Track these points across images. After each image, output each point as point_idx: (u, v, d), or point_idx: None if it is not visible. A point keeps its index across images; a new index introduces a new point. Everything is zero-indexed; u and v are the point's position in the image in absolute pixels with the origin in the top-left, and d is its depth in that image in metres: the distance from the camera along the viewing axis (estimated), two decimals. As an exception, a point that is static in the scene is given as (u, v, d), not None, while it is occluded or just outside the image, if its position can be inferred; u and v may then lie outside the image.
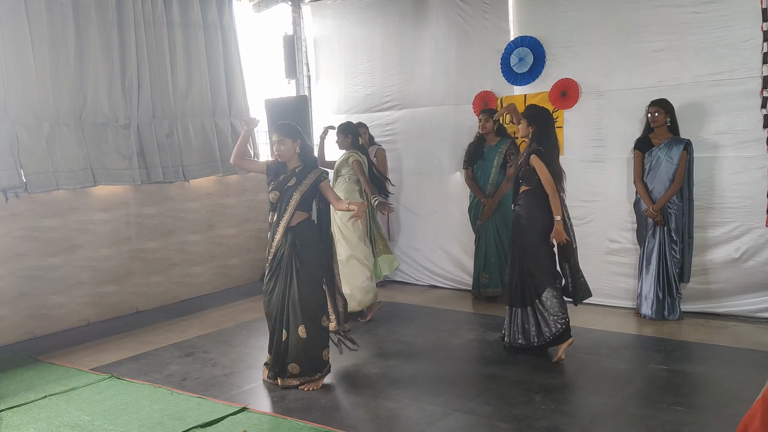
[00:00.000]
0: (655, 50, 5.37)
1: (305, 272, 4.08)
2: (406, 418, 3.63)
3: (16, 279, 5.30)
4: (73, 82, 5.45)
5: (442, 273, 6.74)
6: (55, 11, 5.32)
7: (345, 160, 5.59)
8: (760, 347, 4.59)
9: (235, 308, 6.24)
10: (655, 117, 5.14)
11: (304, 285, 4.07)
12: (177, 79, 6.22)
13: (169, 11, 6.13)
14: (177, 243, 6.52)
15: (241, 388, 4.17)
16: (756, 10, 4.93)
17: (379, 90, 7.04)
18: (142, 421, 3.64)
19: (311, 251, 4.14)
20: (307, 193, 4.14)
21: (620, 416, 3.60)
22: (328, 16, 7.40)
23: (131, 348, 5.05)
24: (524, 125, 4.52)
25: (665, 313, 5.23)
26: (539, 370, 4.34)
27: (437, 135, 6.67)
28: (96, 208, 5.83)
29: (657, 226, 5.21)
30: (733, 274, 5.21)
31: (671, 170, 5.13)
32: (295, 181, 4.12)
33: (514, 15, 6.14)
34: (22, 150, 5.12)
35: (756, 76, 4.98)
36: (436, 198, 6.73)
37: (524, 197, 4.50)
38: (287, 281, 4.09)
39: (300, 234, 4.12)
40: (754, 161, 5.06)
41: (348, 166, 5.56)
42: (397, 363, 4.56)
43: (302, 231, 4.13)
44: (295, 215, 4.13)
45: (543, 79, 5.96)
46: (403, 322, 5.58)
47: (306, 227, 4.16)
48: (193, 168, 6.33)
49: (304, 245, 4.11)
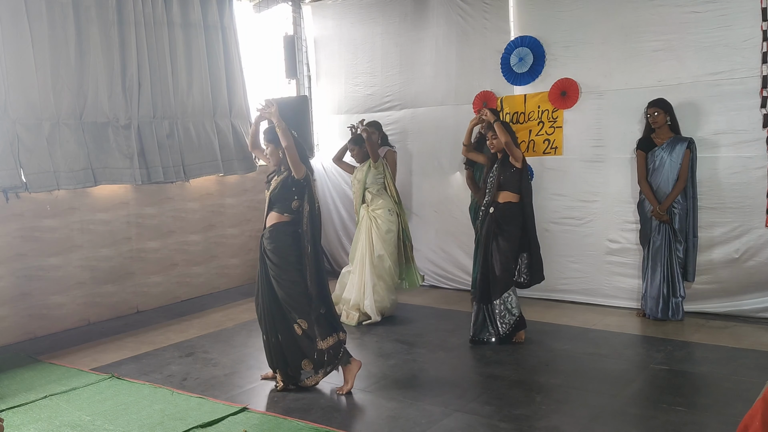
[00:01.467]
0: (655, 50, 5.37)
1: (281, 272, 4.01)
2: (407, 418, 3.63)
3: (17, 279, 5.30)
4: (73, 82, 5.44)
5: (442, 273, 6.74)
6: (56, 11, 5.32)
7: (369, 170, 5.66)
8: (761, 347, 4.59)
9: (235, 308, 6.24)
10: (655, 117, 5.14)
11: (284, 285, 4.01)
12: (177, 79, 6.22)
13: (169, 11, 6.13)
14: (177, 243, 6.52)
15: (242, 388, 4.17)
16: (756, 9, 4.93)
17: (380, 90, 7.04)
18: (142, 422, 3.64)
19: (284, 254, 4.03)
20: (277, 193, 4.06)
21: (621, 416, 3.60)
22: (328, 16, 7.40)
23: (131, 348, 5.05)
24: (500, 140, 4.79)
25: (669, 313, 5.23)
26: (539, 370, 4.35)
27: (437, 135, 6.67)
28: (96, 208, 5.83)
29: (662, 225, 5.20)
30: (734, 274, 5.21)
31: (675, 169, 5.13)
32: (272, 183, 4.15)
33: (514, 15, 6.14)
34: (23, 150, 5.12)
35: (755, 76, 4.99)
36: (436, 198, 6.73)
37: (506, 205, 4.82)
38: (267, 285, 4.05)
39: (273, 237, 4.05)
40: (753, 161, 5.06)
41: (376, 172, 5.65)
42: (397, 363, 4.56)
43: (275, 234, 4.05)
44: (269, 216, 4.10)
45: (543, 79, 5.96)
46: (403, 322, 5.58)
47: (280, 229, 4.06)
48: (193, 168, 6.33)
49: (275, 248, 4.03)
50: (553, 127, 5.94)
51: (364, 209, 5.69)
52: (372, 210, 5.64)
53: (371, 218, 5.62)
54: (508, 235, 4.81)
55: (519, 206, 4.83)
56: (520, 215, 4.84)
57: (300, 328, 4.00)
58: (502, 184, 4.82)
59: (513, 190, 4.81)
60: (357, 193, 5.76)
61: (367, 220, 5.64)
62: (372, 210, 5.64)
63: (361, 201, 5.73)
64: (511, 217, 4.82)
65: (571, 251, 5.93)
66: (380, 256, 5.57)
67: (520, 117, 6.11)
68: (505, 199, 4.82)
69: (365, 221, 5.66)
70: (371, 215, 5.63)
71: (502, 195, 4.83)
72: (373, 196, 5.66)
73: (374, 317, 5.52)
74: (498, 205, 4.83)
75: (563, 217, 5.96)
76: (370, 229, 5.61)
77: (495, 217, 4.83)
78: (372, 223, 5.61)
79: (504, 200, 4.82)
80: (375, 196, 5.66)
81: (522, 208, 4.85)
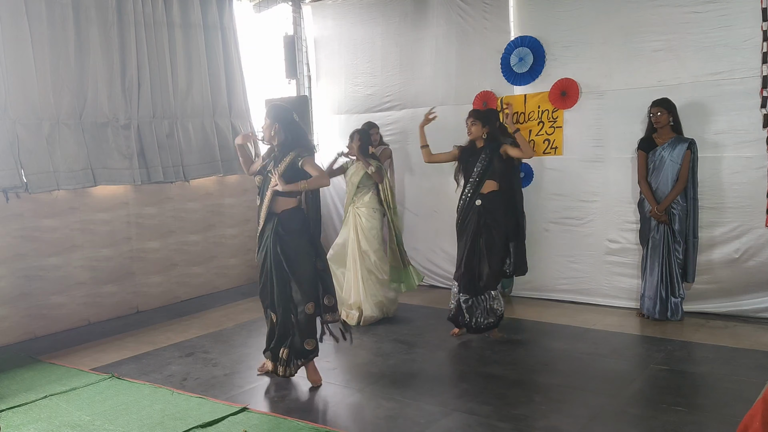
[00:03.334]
0: (655, 50, 5.37)
1: (295, 254, 4.01)
2: (406, 418, 3.63)
3: (17, 279, 5.30)
4: (73, 82, 5.45)
5: (442, 273, 6.74)
6: (55, 11, 5.32)
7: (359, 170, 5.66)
8: (761, 347, 4.59)
9: (235, 308, 6.24)
10: (658, 117, 5.13)
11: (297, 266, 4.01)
12: (177, 79, 6.22)
13: (169, 12, 6.14)
14: (177, 243, 6.52)
15: (242, 388, 4.17)
16: (756, 9, 4.93)
17: (380, 90, 7.04)
18: (142, 422, 3.64)
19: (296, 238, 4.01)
20: (285, 176, 3.93)
21: (620, 416, 3.60)
22: (328, 16, 7.40)
23: (131, 348, 5.05)
24: (479, 127, 4.85)
25: (668, 313, 5.23)
26: (538, 370, 4.35)
27: (437, 135, 6.62)
28: (96, 208, 5.83)
29: (662, 225, 5.20)
30: (734, 274, 5.21)
31: (675, 170, 5.12)
32: (273, 164, 4.01)
33: (514, 15, 6.14)
34: (23, 150, 5.12)
35: (756, 76, 4.98)
36: (436, 198, 6.73)
37: (491, 196, 4.82)
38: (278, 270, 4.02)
39: (284, 221, 3.99)
40: (754, 161, 5.06)
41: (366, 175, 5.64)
42: (397, 363, 4.57)
43: (287, 218, 4.00)
44: (277, 201, 4.01)
45: (543, 79, 5.96)
46: (403, 322, 5.58)
47: (292, 215, 4.02)
48: (193, 168, 6.34)
49: (288, 232, 3.99)
50: (553, 127, 5.94)
51: (351, 207, 5.71)
52: (357, 207, 5.67)
53: (356, 215, 5.65)
54: (498, 226, 4.81)
55: (501, 194, 4.86)
56: (505, 202, 4.90)
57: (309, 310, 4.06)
58: (490, 174, 4.81)
59: (495, 178, 4.83)
60: (349, 194, 5.75)
61: (353, 218, 5.66)
62: (357, 207, 5.67)
63: (351, 201, 5.73)
64: (498, 205, 4.84)
65: (571, 251, 5.93)
66: (365, 251, 5.59)
67: (520, 117, 6.11)
68: (489, 189, 4.83)
69: (351, 218, 5.67)
70: (356, 212, 5.66)
71: (487, 185, 4.83)
72: (361, 195, 5.67)
73: (372, 312, 5.52)
74: (484, 196, 4.83)
75: (563, 217, 5.96)
76: (356, 226, 5.63)
77: (485, 208, 4.81)
78: (357, 221, 5.64)
79: (488, 190, 4.83)
80: (363, 195, 5.67)
81: (510, 196, 4.92)
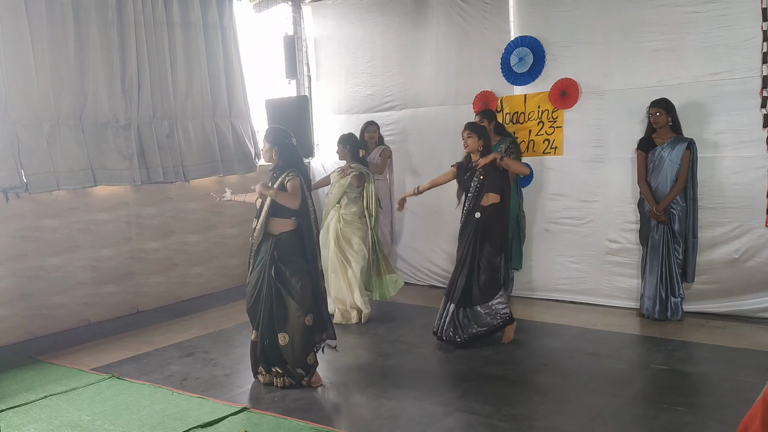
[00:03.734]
0: (655, 50, 5.37)
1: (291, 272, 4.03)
2: (407, 418, 3.63)
3: (17, 279, 5.30)
4: (73, 82, 5.44)
5: (442, 273, 6.74)
6: (55, 11, 5.32)
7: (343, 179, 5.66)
8: (761, 347, 4.59)
9: (236, 308, 6.23)
10: (657, 117, 5.13)
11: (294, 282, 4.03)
12: (177, 79, 6.22)
13: (169, 12, 6.13)
14: (177, 243, 6.52)
15: (242, 388, 4.17)
16: (756, 9, 4.93)
17: (380, 90, 7.04)
18: (142, 422, 3.64)
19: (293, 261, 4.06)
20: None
21: (621, 416, 3.60)
22: (328, 16, 7.40)
23: (132, 348, 5.05)
24: (474, 140, 4.79)
25: (668, 313, 5.23)
26: (539, 370, 4.35)
27: (438, 135, 6.67)
28: (96, 209, 5.83)
29: (661, 225, 5.20)
30: (734, 274, 5.21)
31: (674, 170, 5.12)
32: (271, 184, 4.07)
33: (514, 15, 6.14)
34: (23, 150, 5.12)
35: (756, 76, 4.99)
36: (436, 198, 6.71)
37: (491, 209, 4.79)
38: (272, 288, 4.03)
39: (280, 245, 4.04)
40: (754, 161, 5.06)
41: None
42: (398, 363, 4.57)
43: (283, 241, 4.04)
44: (273, 222, 4.05)
45: (543, 79, 5.96)
46: (403, 322, 5.59)
47: (288, 238, 4.06)
48: (193, 168, 6.33)
49: (284, 255, 4.04)
50: (553, 127, 5.94)
51: (335, 210, 5.69)
52: (343, 214, 5.65)
53: (339, 218, 5.64)
54: (492, 240, 4.79)
55: (501, 206, 4.86)
56: (503, 214, 4.91)
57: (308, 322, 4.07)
58: (488, 187, 4.79)
59: (496, 191, 4.82)
60: (334, 196, 5.71)
61: (336, 221, 5.65)
62: (343, 214, 5.65)
63: (336, 203, 5.71)
64: (497, 218, 4.83)
65: (571, 251, 5.93)
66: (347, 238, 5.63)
67: (520, 117, 6.11)
68: (491, 201, 4.81)
69: (333, 222, 5.65)
70: (340, 215, 5.65)
71: (487, 197, 4.81)
72: (349, 201, 5.67)
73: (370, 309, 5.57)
74: (484, 209, 4.80)
75: (563, 217, 5.96)
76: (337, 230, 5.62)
77: (482, 222, 4.79)
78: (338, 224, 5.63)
79: (489, 202, 4.81)
80: (351, 202, 5.67)
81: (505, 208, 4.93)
